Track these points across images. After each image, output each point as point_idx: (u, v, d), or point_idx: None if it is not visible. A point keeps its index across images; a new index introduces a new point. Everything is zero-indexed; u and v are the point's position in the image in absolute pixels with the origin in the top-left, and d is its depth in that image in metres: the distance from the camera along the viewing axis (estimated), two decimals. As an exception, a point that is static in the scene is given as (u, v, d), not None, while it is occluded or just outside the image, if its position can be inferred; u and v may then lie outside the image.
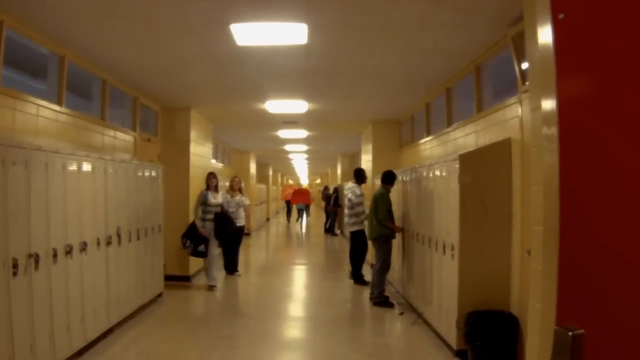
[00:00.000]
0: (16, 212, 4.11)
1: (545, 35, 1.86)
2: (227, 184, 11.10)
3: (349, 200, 9.36)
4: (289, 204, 27.01)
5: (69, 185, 5.03)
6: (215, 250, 9.34)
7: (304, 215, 26.23)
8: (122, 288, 6.37)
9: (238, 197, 10.23)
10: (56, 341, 4.67)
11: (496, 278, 5.17)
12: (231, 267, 10.45)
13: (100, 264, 5.76)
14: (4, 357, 3.89)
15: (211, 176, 9.31)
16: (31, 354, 4.26)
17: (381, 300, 7.83)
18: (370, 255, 9.85)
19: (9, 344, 3.95)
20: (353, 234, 9.57)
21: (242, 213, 10.23)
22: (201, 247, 8.88)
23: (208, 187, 9.19)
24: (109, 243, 5.95)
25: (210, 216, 9.06)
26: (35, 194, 4.38)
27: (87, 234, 5.38)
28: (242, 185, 11.09)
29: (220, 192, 9.47)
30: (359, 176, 9.43)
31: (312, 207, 31.76)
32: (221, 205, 9.30)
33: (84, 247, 5.26)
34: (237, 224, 10.05)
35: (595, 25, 1.49)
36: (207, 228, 8.97)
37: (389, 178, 8.16)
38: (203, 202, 9.01)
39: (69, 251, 4.93)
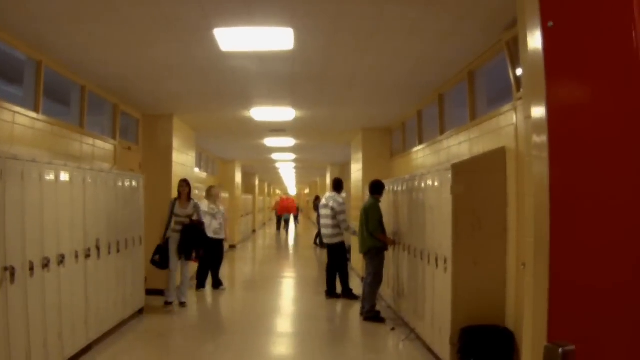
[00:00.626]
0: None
1: (535, 42, 1.87)
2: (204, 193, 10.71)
3: (332, 209, 9.03)
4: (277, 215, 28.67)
5: (46, 196, 4.85)
6: (176, 265, 8.36)
7: (289, 224, 28.21)
8: (101, 303, 6.14)
9: (222, 208, 10.04)
10: (33, 358, 4.49)
11: (491, 292, 5.02)
12: (215, 281, 10.20)
13: (78, 278, 5.55)
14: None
15: (183, 183, 8.45)
16: (5, 372, 4.08)
17: (372, 316, 7.61)
18: (361, 268, 9.65)
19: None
20: (333, 246, 9.26)
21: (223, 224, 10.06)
22: (156, 257, 8.13)
23: (179, 196, 8.50)
24: (87, 256, 5.73)
25: (176, 227, 8.30)
26: (10, 205, 4.22)
27: (64, 246, 5.19)
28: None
29: (192, 202, 8.60)
30: (338, 186, 9.37)
31: (300, 218, 32.11)
32: (196, 217, 8.53)
33: (61, 260, 5.07)
34: (221, 236, 9.98)
35: (584, 34, 1.52)
36: (172, 239, 8.26)
37: (377, 188, 8.00)
38: (170, 211, 8.38)
39: (46, 264, 4.74)
